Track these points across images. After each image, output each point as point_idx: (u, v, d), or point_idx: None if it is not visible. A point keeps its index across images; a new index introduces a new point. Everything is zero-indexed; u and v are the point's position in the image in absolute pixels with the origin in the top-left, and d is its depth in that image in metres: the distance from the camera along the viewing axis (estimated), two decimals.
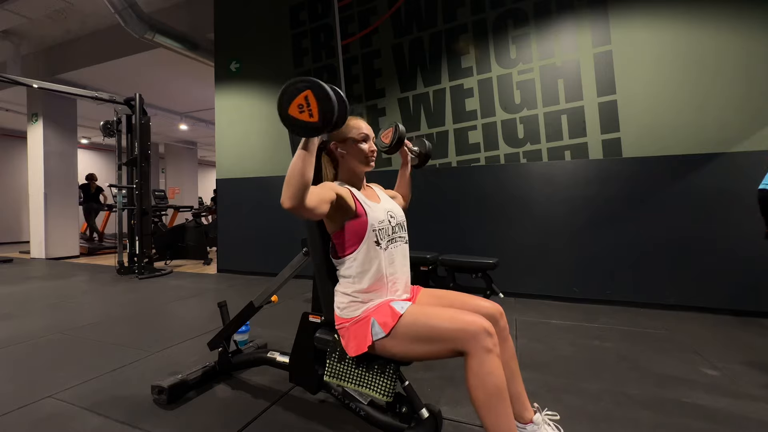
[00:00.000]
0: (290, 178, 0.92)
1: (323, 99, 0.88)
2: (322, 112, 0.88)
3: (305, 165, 0.92)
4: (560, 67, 3.14)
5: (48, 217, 5.96)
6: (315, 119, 0.88)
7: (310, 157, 0.93)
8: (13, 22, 4.84)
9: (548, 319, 2.62)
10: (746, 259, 2.67)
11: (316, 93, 0.88)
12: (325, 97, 0.87)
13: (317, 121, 0.88)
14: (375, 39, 3.78)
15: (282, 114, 0.91)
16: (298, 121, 0.90)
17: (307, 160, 0.93)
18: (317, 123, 0.89)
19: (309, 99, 0.88)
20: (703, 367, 1.83)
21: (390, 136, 1.41)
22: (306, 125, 0.90)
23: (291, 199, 0.91)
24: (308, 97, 0.88)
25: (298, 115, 0.90)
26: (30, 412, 1.41)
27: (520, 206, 3.26)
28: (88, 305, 3.02)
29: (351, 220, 1.12)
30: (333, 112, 0.88)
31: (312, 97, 0.88)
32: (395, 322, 1.02)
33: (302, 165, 0.92)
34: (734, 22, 2.71)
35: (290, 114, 0.90)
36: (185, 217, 7.36)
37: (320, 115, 0.88)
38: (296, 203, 0.92)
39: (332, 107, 0.87)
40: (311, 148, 0.94)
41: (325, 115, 0.88)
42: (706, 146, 2.76)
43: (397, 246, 1.19)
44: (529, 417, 1.10)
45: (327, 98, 0.87)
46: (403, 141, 1.41)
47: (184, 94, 7.06)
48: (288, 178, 0.92)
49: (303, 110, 0.89)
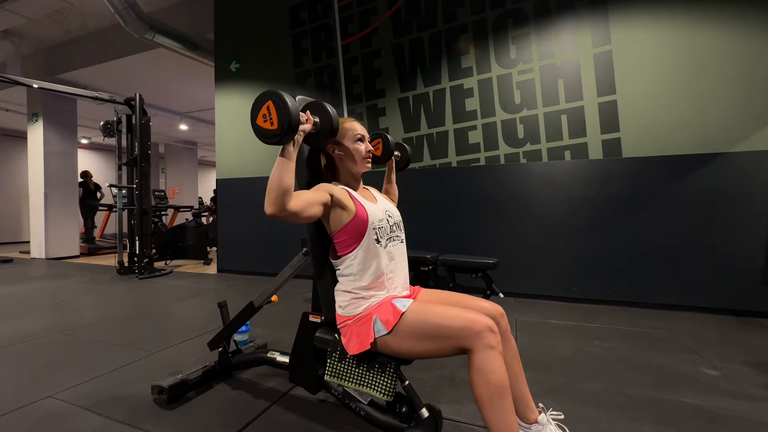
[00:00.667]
0: (269, 186, 0.98)
1: (281, 108, 0.95)
2: (279, 120, 0.95)
3: (282, 172, 0.98)
4: (560, 67, 3.14)
5: (48, 217, 5.96)
6: (274, 127, 0.96)
7: (288, 164, 0.99)
8: (13, 22, 4.84)
9: (548, 319, 2.62)
10: (746, 259, 2.67)
11: (276, 103, 0.96)
12: (283, 107, 0.95)
13: (276, 129, 0.96)
14: (375, 39, 3.78)
15: (252, 124, 1.00)
16: (263, 130, 0.99)
17: (284, 167, 0.98)
18: (276, 131, 0.96)
19: (270, 109, 0.97)
20: (703, 367, 1.83)
21: (380, 148, 1.54)
22: (267, 133, 0.98)
23: (271, 205, 0.98)
24: (269, 106, 0.97)
25: (262, 125, 0.99)
26: (30, 412, 1.41)
27: (520, 206, 3.26)
28: (88, 305, 3.02)
29: (351, 219, 1.13)
30: (289, 120, 0.94)
31: (272, 106, 0.96)
32: (397, 320, 1.03)
33: (279, 172, 0.98)
34: (734, 22, 2.71)
35: (257, 124, 0.99)
36: (185, 217, 7.37)
37: (279, 123, 0.96)
38: (276, 209, 0.98)
39: (288, 116, 0.94)
40: (287, 156, 1.00)
41: (282, 123, 0.95)
42: (707, 146, 2.76)
43: (395, 245, 1.20)
44: (533, 417, 1.10)
45: (285, 107, 0.94)
46: (392, 153, 1.55)
47: (184, 94, 7.06)
48: (268, 186, 0.98)
49: (266, 119, 0.97)
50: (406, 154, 1.67)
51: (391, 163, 1.60)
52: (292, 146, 1.01)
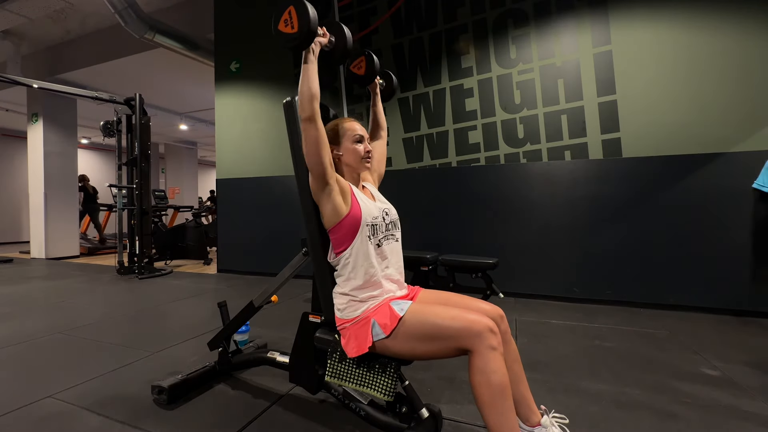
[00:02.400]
0: (301, 93, 1.08)
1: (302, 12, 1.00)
2: (300, 23, 1.00)
3: (309, 79, 1.07)
4: (560, 67, 3.14)
5: (48, 217, 5.96)
6: (295, 30, 1.01)
7: (312, 70, 1.07)
8: (13, 22, 4.84)
9: (548, 319, 2.62)
10: (746, 259, 2.67)
11: (297, 7, 1.01)
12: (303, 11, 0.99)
13: (296, 33, 1.01)
14: (375, 39, 3.78)
15: (273, 30, 1.05)
16: (284, 35, 1.04)
17: (309, 73, 1.07)
18: (295, 34, 1.01)
19: (291, 13, 1.01)
20: (703, 367, 1.83)
21: (363, 67, 1.45)
22: (288, 37, 1.03)
23: (304, 110, 1.07)
24: (291, 11, 1.02)
25: (284, 29, 1.03)
26: (30, 412, 1.41)
27: (520, 206, 3.26)
28: (88, 305, 3.02)
29: (346, 215, 1.13)
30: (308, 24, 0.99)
31: (293, 11, 1.01)
32: (395, 324, 1.03)
33: (306, 79, 1.07)
34: (734, 22, 2.71)
35: (278, 29, 1.04)
36: (185, 217, 7.37)
37: (299, 27, 1.01)
38: (309, 113, 1.07)
39: (308, 20, 0.98)
40: (310, 62, 1.07)
41: (302, 27, 1.00)
42: (706, 146, 2.76)
43: (389, 243, 1.21)
44: (536, 420, 1.09)
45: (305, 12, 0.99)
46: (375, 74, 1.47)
47: (184, 94, 7.06)
48: (300, 94, 1.08)
49: (287, 24, 1.02)
50: (391, 82, 1.56)
51: (375, 87, 1.51)
52: (311, 54, 1.08)
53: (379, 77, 1.53)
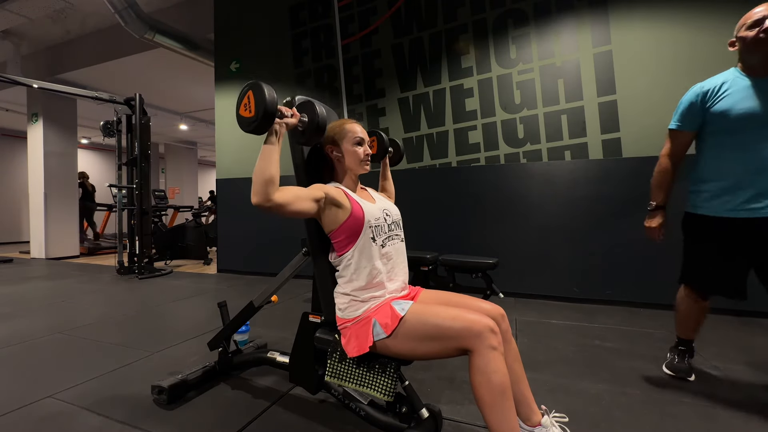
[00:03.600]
0: (254, 176, 1.01)
1: (258, 96, 0.99)
2: (256, 107, 0.99)
3: (266, 162, 1.01)
4: (560, 67, 3.14)
5: (48, 217, 5.96)
6: (251, 114, 1.01)
7: (271, 153, 1.02)
8: (13, 22, 4.84)
9: (548, 319, 2.62)
10: None
11: (254, 92, 1.00)
12: (259, 95, 0.99)
13: (252, 116, 1.00)
14: (375, 39, 3.78)
15: (236, 115, 1.05)
16: (243, 119, 1.03)
17: (268, 156, 1.02)
18: (252, 117, 1.00)
19: (249, 98, 1.01)
20: (703, 367, 1.83)
21: (375, 146, 1.58)
22: (245, 120, 1.02)
23: (256, 195, 1.00)
24: (249, 96, 1.01)
25: (242, 113, 1.03)
26: (30, 412, 1.41)
27: (520, 206, 3.26)
28: (88, 305, 3.02)
29: (347, 218, 1.13)
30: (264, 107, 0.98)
31: (251, 95, 1.01)
32: (396, 324, 1.03)
33: (263, 162, 1.01)
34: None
35: (239, 113, 1.04)
36: (185, 217, 7.37)
37: (255, 110, 1.00)
38: (261, 199, 0.99)
39: (264, 103, 0.98)
40: (270, 142, 1.03)
41: (257, 110, 0.99)
42: None
43: (393, 243, 1.21)
44: (537, 420, 1.09)
45: (261, 95, 0.98)
46: (387, 150, 1.58)
47: (184, 94, 7.06)
48: (253, 176, 1.01)
49: (246, 108, 1.02)
50: (399, 150, 1.71)
51: (386, 160, 1.63)
52: (274, 136, 1.04)
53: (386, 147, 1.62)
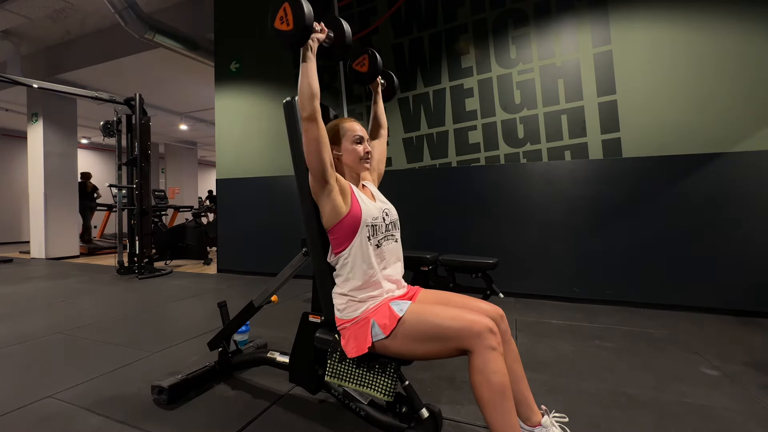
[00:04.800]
0: (301, 92, 1.06)
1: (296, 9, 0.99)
2: (295, 21, 0.99)
3: (308, 77, 1.06)
4: (560, 67, 3.14)
5: (48, 217, 5.96)
6: (290, 27, 1.00)
7: (310, 67, 1.06)
8: (13, 22, 4.84)
9: (548, 319, 2.62)
10: (746, 259, 2.67)
11: (292, 5, 1.00)
12: (298, 8, 0.98)
13: (291, 29, 1.00)
14: (375, 39, 3.78)
15: (269, 27, 1.04)
16: (281, 32, 1.03)
17: (308, 71, 1.06)
18: (291, 31, 1.01)
19: (286, 10, 1.01)
20: (703, 367, 1.83)
21: (366, 64, 1.46)
22: (284, 34, 1.03)
23: (305, 109, 1.06)
24: (286, 8, 1.01)
25: (279, 26, 1.02)
26: (30, 412, 1.41)
27: (520, 206, 3.26)
28: (88, 305, 3.02)
29: (346, 215, 1.13)
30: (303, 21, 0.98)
31: (288, 8, 1.01)
32: (395, 324, 1.03)
33: (305, 78, 1.06)
34: (734, 22, 2.71)
35: (275, 26, 1.04)
36: (185, 217, 7.37)
37: (294, 23, 1.00)
38: (310, 112, 1.06)
39: (303, 17, 0.98)
40: (308, 60, 1.06)
41: (297, 23, 0.99)
42: (706, 146, 2.76)
43: (388, 243, 1.20)
44: (537, 420, 1.09)
45: (300, 8, 0.98)
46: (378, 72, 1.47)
47: (184, 94, 7.06)
48: (300, 92, 1.07)
49: (283, 21, 1.02)
50: (392, 82, 1.58)
51: (377, 86, 1.53)
52: (309, 51, 1.06)
53: (380, 77, 1.53)
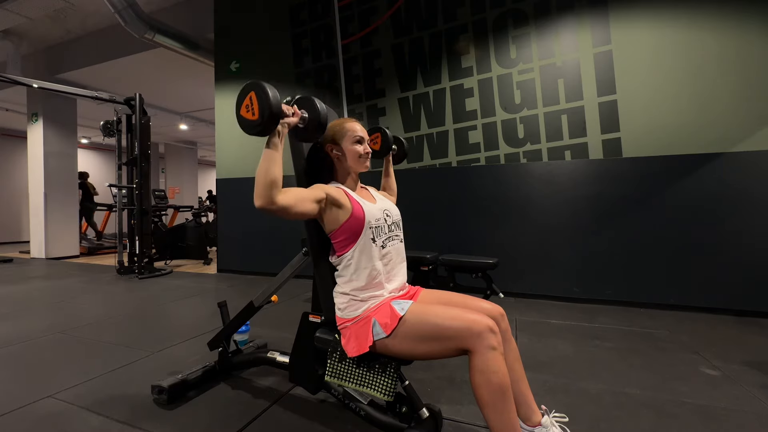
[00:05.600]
0: (257, 179, 0.98)
1: (262, 98, 0.96)
2: (260, 110, 0.97)
3: (269, 164, 0.99)
4: (560, 67, 3.14)
5: (48, 217, 5.96)
6: (255, 117, 0.98)
7: (273, 156, 1.00)
8: (13, 22, 4.84)
9: (548, 319, 2.62)
10: (746, 259, 2.67)
11: (257, 93, 0.97)
12: (264, 97, 0.96)
13: (257, 119, 0.98)
14: (375, 39, 3.78)
15: (236, 115, 1.02)
16: (245, 120, 1.00)
17: (270, 159, 0.99)
18: (257, 120, 0.98)
19: (252, 99, 0.98)
20: (703, 367, 1.83)
21: (379, 143, 1.57)
22: (249, 123, 1.00)
23: (259, 198, 0.98)
24: (252, 97, 0.98)
25: (245, 115, 1.00)
26: (30, 412, 1.41)
27: (520, 206, 3.26)
28: (88, 305, 3.02)
29: (348, 218, 1.13)
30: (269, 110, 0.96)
31: (254, 97, 0.98)
32: (396, 324, 1.03)
33: (265, 164, 0.99)
34: (735, 22, 2.71)
35: (240, 114, 1.01)
36: (185, 216, 7.36)
37: (259, 113, 0.97)
38: (264, 202, 0.98)
39: (268, 106, 0.96)
40: (273, 147, 1.01)
41: (262, 113, 0.97)
42: (706, 146, 2.76)
43: (393, 244, 1.21)
44: (537, 420, 1.09)
45: (265, 98, 0.96)
46: (391, 147, 1.57)
47: (184, 94, 7.06)
48: (256, 179, 0.99)
49: (248, 110, 0.99)
50: (402, 147, 1.70)
51: (389, 157, 1.63)
52: (276, 137, 1.02)
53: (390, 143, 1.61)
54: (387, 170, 1.63)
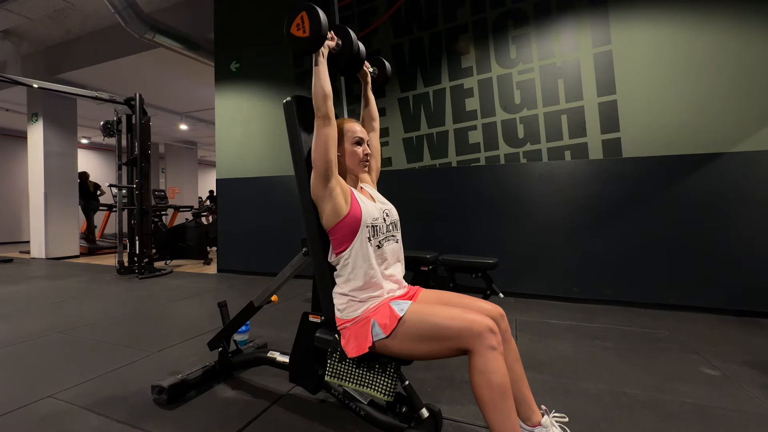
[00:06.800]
0: (316, 93, 1.13)
1: (314, 18, 1.06)
2: (312, 28, 1.06)
3: (321, 79, 1.12)
4: (560, 67, 3.14)
5: (48, 217, 5.96)
6: (307, 35, 1.07)
7: (323, 71, 1.13)
8: (13, 22, 4.84)
9: (548, 319, 2.62)
10: (746, 259, 2.67)
11: (309, 13, 1.06)
12: (316, 17, 1.06)
13: (308, 36, 1.07)
14: (375, 39, 3.78)
15: (285, 32, 1.11)
16: (297, 39, 1.09)
17: (321, 74, 1.12)
18: (308, 38, 1.08)
19: (303, 18, 1.07)
20: (703, 367, 1.83)
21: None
22: (301, 40, 1.09)
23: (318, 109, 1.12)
24: (303, 16, 1.07)
25: (296, 33, 1.09)
26: (30, 412, 1.41)
27: (520, 206, 3.26)
28: (88, 305, 3.02)
29: (346, 215, 1.13)
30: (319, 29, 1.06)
31: (306, 17, 1.07)
32: (395, 324, 1.03)
33: (319, 80, 1.12)
34: (734, 22, 2.71)
35: (291, 32, 1.10)
36: (185, 217, 7.37)
37: (311, 31, 1.07)
38: (323, 111, 1.12)
39: (320, 25, 1.05)
40: (320, 63, 1.12)
41: (313, 31, 1.06)
42: (706, 146, 2.76)
43: (389, 244, 1.21)
44: (537, 420, 1.09)
45: (317, 18, 1.05)
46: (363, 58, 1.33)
47: (184, 94, 7.06)
48: (314, 93, 1.13)
49: (299, 28, 1.08)
50: (384, 69, 1.47)
51: (366, 76, 1.40)
52: (321, 57, 1.13)
53: (370, 64, 1.45)
54: (365, 90, 1.42)
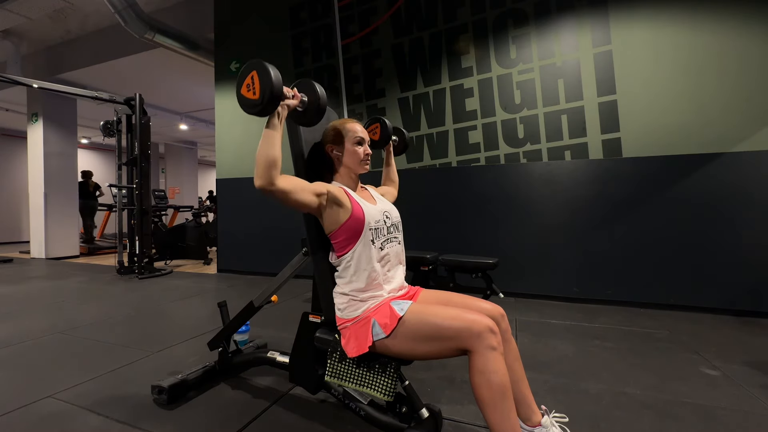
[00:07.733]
0: (257, 159, 1.00)
1: (264, 78, 0.97)
2: (261, 89, 0.98)
3: (268, 144, 1.00)
4: (560, 67, 3.14)
5: (48, 217, 5.96)
6: (256, 97, 0.99)
7: (273, 136, 1.01)
8: (13, 22, 4.84)
9: (548, 319, 2.62)
10: (746, 259, 2.67)
11: (259, 73, 0.98)
12: (266, 77, 0.97)
13: (257, 99, 0.99)
14: (375, 39, 3.78)
15: (237, 94, 1.03)
16: (246, 100, 1.01)
17: (270, 139, 1.01)
18: (257, 100, 0.99)
19: (254, 78, 0.99)
20: (703, 367, 1.83)
21: (378, 133, 1.55)
22: (250, 103, 1.00)
23: (259, 178, 0.99)
24: (253, 76, 0.99)
25: (246, 94, 1.01)
26: (30, 412, 1.41)
27: (520, 206, 3.26)
28: (88, 305, 3.02)
29: (348, 218, 1.13)
30: (270, 90, 0.97)
31: (256, 76, 0.99)
32: (395, 324, 1.03)
33: (265, 145, 1.00)
34: (735, 22, 2.71)
35: (241, 93, 1.02)
36: (185, 216, 7.36)
37: (260, 93, 0.98)
38: (264, 182, 0.99)
39: (270, 86, 0.97)
40: (272, 128, 1.02)
41: (263, 93, 0.98)
42: (706, 146, 2.76)
43: (392, 246, 1.21)
44: (537, 420, 1.09)
45: (267, 77, 0.97)
46: (390, 137, 1.57)
47: (184, 94, 7.06)
48: (256, 159, 1.00)
49: (249, 89, 1.00)
50: (403, 138, 1.69)
51: (389, 147, 1.63)
52: (276, 119, 1.03)
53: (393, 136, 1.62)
54: (388, 161, 1.64)
